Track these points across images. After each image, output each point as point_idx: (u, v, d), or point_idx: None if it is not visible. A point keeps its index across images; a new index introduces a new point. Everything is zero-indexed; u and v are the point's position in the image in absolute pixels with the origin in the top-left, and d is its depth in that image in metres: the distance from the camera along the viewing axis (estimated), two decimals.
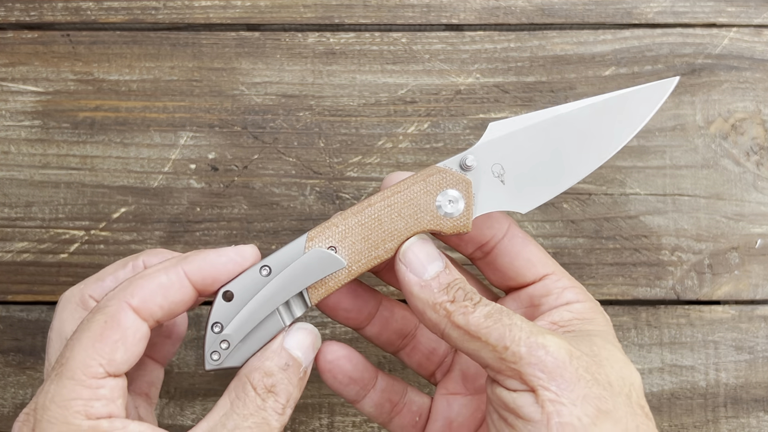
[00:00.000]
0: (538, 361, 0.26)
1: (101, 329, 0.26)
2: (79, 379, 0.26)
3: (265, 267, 0.29)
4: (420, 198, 0.30)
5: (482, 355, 0.27)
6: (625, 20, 0.42)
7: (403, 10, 0.42)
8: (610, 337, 0.29)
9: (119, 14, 0.42)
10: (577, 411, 0.25)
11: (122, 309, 0.26)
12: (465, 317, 0.27)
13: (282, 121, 0.41)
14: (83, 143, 0.41)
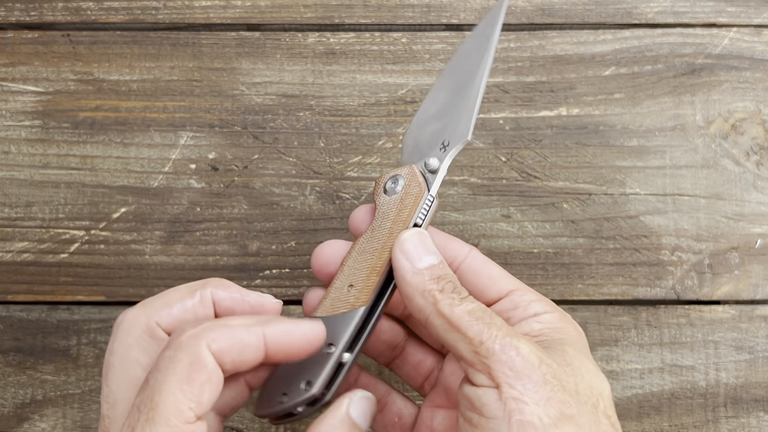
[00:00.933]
0: (508, 359, 0.26)
1: (188, 371, 0.26)
2: (173, 425, 0.26)
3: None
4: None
5: (459, 347, 0.28)
6: (625, 20, 0.42)
7: (403, 10, 0.42)
8: (580, 346, 0.30)
9: (119, 14, 0.42)
10: (539, 411, 0.26)
11: (205, 350, 0.26)
12: (450, 308, 0.28)
13: (282, 121, 0.41)
14: (83, 143, 0.41)
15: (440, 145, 0.32)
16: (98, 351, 0.40)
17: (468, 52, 0.34)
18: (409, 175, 0.32)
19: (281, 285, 0.40)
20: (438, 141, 0.33)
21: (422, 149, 0.33)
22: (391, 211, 0.32)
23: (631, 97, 0.42)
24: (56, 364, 0.40)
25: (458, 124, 0.32)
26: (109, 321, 0.40)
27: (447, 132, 0.33)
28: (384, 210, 0.32)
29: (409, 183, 0.32)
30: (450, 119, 0.33)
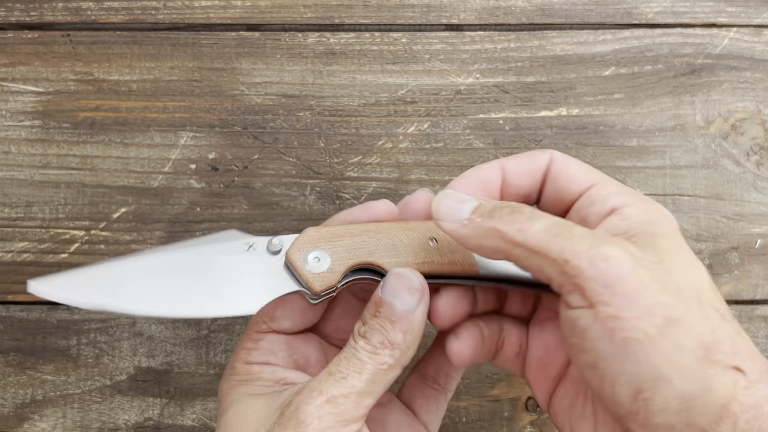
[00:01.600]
0: (599, 274, 0.24)
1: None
2: (247, 333, 0.31)
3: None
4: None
5: (546, 271, 0.26)
6: (625, 20, 0.42)
7: (403, 10, 0.42)
8: (672, 236, 0.27)
9: (119, 14, 0.42)
10: (642, 324, 0.24)
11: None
12: (522, 233, 0.26)
13: (282, 121, 0.41)
14: (83, 143, 0.41)
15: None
16: (98, 351, 0.40)
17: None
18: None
19: None
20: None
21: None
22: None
23: (631, 97, 0.42)
24: (56, 364, 0.40)
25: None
26: (109, 321, 0.40)
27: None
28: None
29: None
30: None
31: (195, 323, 0.40)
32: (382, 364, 0.27)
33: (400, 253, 0.30)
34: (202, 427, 0.40)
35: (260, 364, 0.30)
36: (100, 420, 0.40)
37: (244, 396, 0.29)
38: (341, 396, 0.26)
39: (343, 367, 0.27)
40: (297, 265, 0.29)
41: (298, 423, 0.26)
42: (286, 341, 0.31)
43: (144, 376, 0.40)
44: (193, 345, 0.40)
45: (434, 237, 0.30)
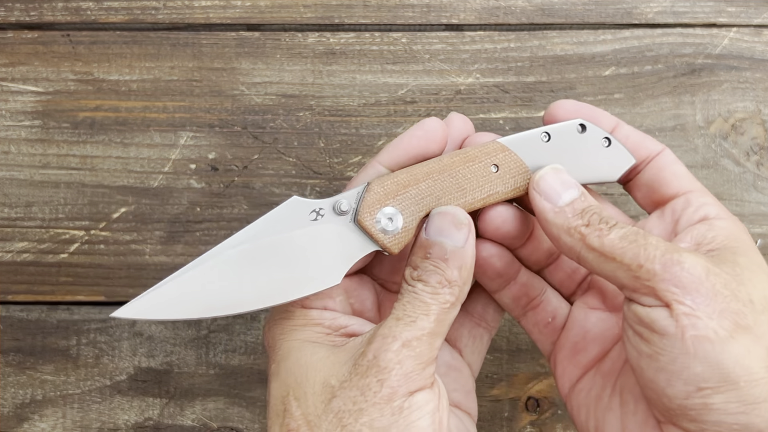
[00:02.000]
0: (672, 277, 0.25)
1: None
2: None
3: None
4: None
5: (617, 276, 0.27)
6: (625, 20, 0.42)
7: (403, 10, 0.42)
8: (755, 257, 0.28)
9: (119, 14, 0.42)
10: (713, 324, 0.24)
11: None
12: (600, 239, 0.27)
13: (282, 121, 0.41)
14: (83, 143, 0.41)
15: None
16: (98, 351, 0.40)
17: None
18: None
19: None
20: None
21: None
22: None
23: (631, 97, 0.42)
24: (56, 364, 0.40)
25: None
26: (109, 321, 0.40)
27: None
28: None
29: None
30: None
31: (195, 323, 0.40)
32: (445, 303, 0.28)
33: (466, 191, 0.30)
34: (202, 427, 0.40)
35: (319, 310, 0.30)
36: (100, 420, 0.40)
37: (304, 343, 0.29)
38: (414, 339, 0.27)
39: (409, 311, 0.27)
40: (372, 231, 0.29)
41: (380, 370, 0.26)
42: (341, 284, 0.30)
43: (144, 376, 0.40)
44: (193, 345, 0.40)
45: (495, 163, 0.31)
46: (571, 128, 0.32)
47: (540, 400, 0.41)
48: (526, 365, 0.41)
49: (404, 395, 0.26)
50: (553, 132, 0.31)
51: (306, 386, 0.27)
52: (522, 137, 0.31)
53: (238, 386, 0.40)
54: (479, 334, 0.34)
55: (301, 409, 0.27)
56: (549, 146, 0.31)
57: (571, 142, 0.31)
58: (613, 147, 0.32)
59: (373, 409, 0.26)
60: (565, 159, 0.31)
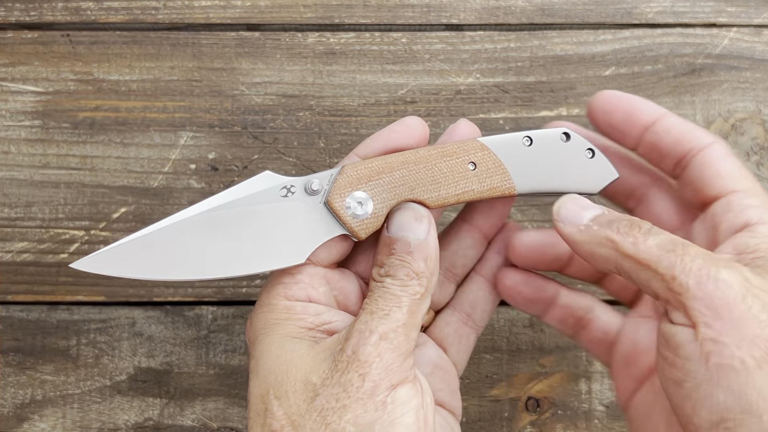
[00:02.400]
0: (704, 296, 0.24)
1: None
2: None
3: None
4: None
5: (652, 285, 0.26)
6: (625, 20, 0.42)
7: (403, 10, 0.42)
8: None
9: (119, 14, 0.42)
10: (742, 353, 0.23)
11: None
12: (635, 246, 0.26)
13: (282, 121, 0.41)
14: (83, 143, 0.41)
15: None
16: (98, 351, 0.40)
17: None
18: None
19: None
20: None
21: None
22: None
23: None
24: (56, 365, 0.40)
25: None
26: (109, 321, 0.40)
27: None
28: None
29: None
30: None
31: (195, 323, 0.40)
32: (415, 294, 0.28)
33: (440, 185, 0.30)
34: (202, 427, 0.40)
35: (303, 302, 0.29)
36: (99, 420, 0.40)
37: (284, 338, 0.28)
38: (391, 331, 0.27)
39: (382, 305, 0.27)
40: (340, 214, 0.29)
41: (360, 364, 0.26)
42: (324, 275, 0.30)
43: (144, 377, 0.40)
44: (192, 345, 0.40)
45: (473, 161, 0.30)
46: (555, 136, 0.31)
47: (540, 400, 0.40)
48: (526, 365, 0.41)
49: (387, 389, 0.26)
50: (536, 137, 0.31)
51: (287, 384, 0.27)
52: (503, 139, 0.31)
53: (238, 386, 0.40)
54: (465, 333, 0.34)
55: (283, 409, 0.26)
56: (530, 151, 0.31)
57: (554, 149, 0.31)
58: (596, 159, 0.31)
59: (356, 405, 0.26)
60: (545, 165, 0.31)
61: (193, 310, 0.40)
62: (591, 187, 0.31)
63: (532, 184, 0.31)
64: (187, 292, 0.40)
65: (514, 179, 0.31)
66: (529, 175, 0.31)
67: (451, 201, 0.30)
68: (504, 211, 0.33)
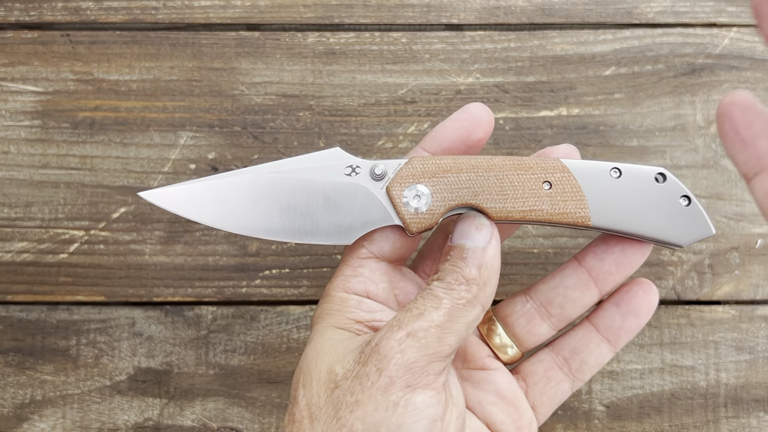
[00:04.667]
0: None
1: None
2: (345, 260, 0.30)
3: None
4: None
5: None
6: (625, 20, 0.42)
7: (403, 10, 0.42)
8: None
9: (119, 14, 0.42)
10: None
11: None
12: None
13: (282, 121, 0.41)
14: (83, 143, 0.41)
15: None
16: (97, 351, 0.40)
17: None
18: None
19: (281, 285, 0.40)
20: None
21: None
22: None
23: (631, 97, 0.41)
24: (56, 365, 0.40)
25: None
26: (109, 321, 0.40)
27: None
28: None
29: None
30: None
31: (194, 323, 0.40)
32: (459, 299, 0.26)
33: (507, 197, 0.29)
34: (201, 427, 0.40)
35: (359, 296, 0.29)
36: (99, 420, 0.40)
37: (329, 327, 0.28)
38: (421, 330, 0.25)
39: (420, 304, 0.26)
40: (396, 202, 0.29)
41: (380, 358, 0.25)
42: (386, 272, 0.30)
43: (144, 377, 0.40)
44: (192, 345, 0.40)
45: (549, 180, 0.29)
46: (649, 174, 0.29)
47: None
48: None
49: (402, 389, 0.25)
50: (626, 171, 0.29)
51: (314, 372, 0.26)
52: (588, 165, 0.29)
53: (238, 386, 0.40)
54: (557, 377, 0.32)
55: (306, 399, 0.26)
56: (617, 184, 0.29)
57: (644, 188, 0.29)
58: (691, 208, 0.29)
59: (368, 401, 0.25)
60: (631, 203, 0.29)
61: (193, 310, 0.40)
62: (679, 238, 0.29)
63: (611, 220, 0.29)
64: (186, 293, 0.40)
65: (591, 210, 0.29)
66: (611, 210, 0.29)
67: (516, 216, 0.29)
68: (626, 260, 0.31)
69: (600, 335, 0.32)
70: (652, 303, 0.31)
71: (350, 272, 0.29)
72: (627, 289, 0.31)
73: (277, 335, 0.40)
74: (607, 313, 0.31)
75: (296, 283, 0.40)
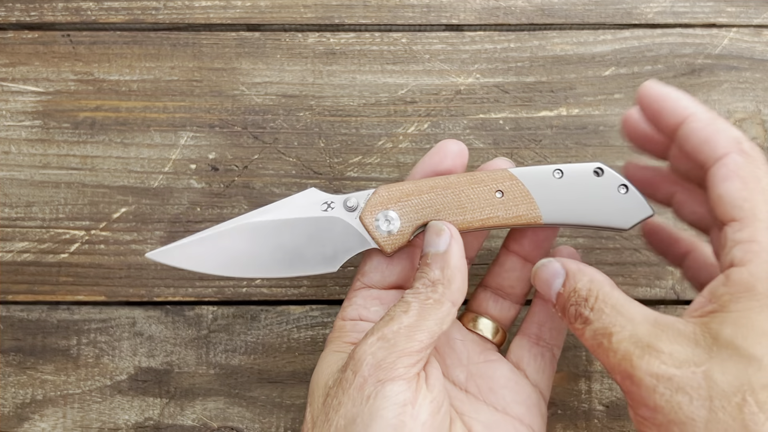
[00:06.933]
0: (627, 390, 0.27)
1: (362, 255, 0.33)
2: (346, 296, 0.34)
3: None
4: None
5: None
6: (625, 20, 0.42)
7: (403, 10, 0.42)
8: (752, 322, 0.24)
9: (119, 14, 0.42)
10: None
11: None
12: (581, 332, 0.29)
13: (282, 121, 0.41)
14: (83, 143, 0.41)
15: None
16: (98, 351, 0.40)
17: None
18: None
19: (281, 285, 0.40)
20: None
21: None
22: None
23: (631, 97, 0.42)
24: (56, 364, 0.40)
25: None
26: (109, 321, 0.40)
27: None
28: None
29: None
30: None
31: (195, 323, 0.40)
32: (427, 299, 0.29)
33: (466, 210, 0.32)
34: (202, 426, 0.40)
35: (353, 321, 0.32)
36: (100, 420, 0.40)
37: (329, 353, 0.32)
38: (391, 333, 0.28)
39: (391, 311, 0.29)
40: (369, 229, 0.32)
41: (355, 363, 0.28)
42: (378, 296, 0.33)
43: (144, 376, 0.40)
44: (193, 345, 0.40)
45: (501, 189, 0.32)
46: (587, 171, 0.32)
47: None
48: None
49: (374, 384, 0.27)
50: (567, 171, 0.32)
51: (315, 390, 0.30)
52: (533, 170, 0.32)
53: (238, 386, 0.40)
54: (539, 352, 0.35)
55: (311, 413, 0.29)
56: (560, 183, 0.32)
57: (585, 183, 0.32)
58: (630, 195, 0.32)
59: (347, 400, 0.27)
60: (576, 198, 0.32)
61: (194, 309, 0.40)
62: (622, 222, 0.32)
63: (560, 216, 0.32)
64: (187, 292, 0.40)
65: (542, 209, 0.32)
66: (558, 206, 0.32)
67: (475, 225, 0.32)
68: (538, 236, 0.34)
69: (548, 303, 0.35)
70: (575, 258, 0.34)
71: (346, 303, 0.33)
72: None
73: (278, 335, 0.40)
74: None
75: (296, 282, 0.40)
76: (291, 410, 0.40)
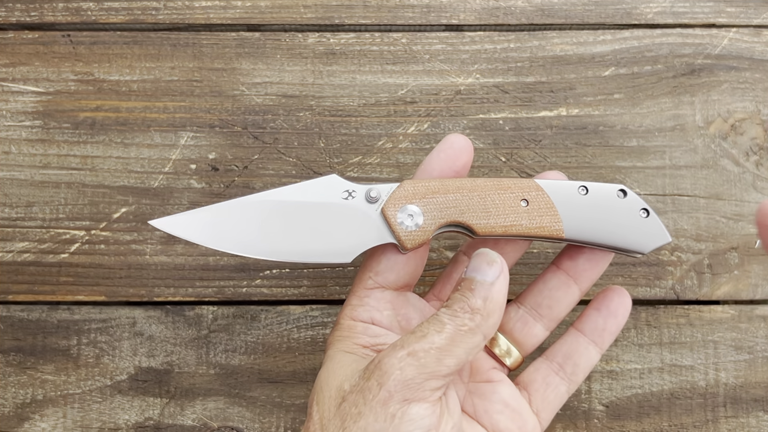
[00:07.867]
0: None
1: (372, 251, 0.32)
2: (354, 290, 0.33)
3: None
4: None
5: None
6: (624, 20, 0.42)
7: (403, 11, 0.42)
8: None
9: (120, 14, 0.42)
10: None
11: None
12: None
13: (282, 121, 0.41)
14: (84, 143, 0.41)
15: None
16: (98, 351, 0.40)
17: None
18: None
19: (281, 285, 0.40)
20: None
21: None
22: None
23: (630, 97, 0.42)
24: (56, 364, 0.40)
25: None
26: (110, 321, 0.40)
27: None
28: None
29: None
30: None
31: (195, 323, 0.40)
32: (462, 325, 0.28)
33: (490, 214, 0.32)
34: (202, 426, 0.40)
35: (365, 323, 0.32)
36: (100, 420, 0.40)
37: (339, 352, 0.31)
38: (422, 350, 0.27)
39: (424, 327, 0.28)
40: (391, 222, 0.31)
41: (381, 374, 0.27)
42: (390, 299, 0.32)
43: (144, 376, 0.40)
44: (193, 345, 0.40)
45: (526, 198, 0.32)
46: (611, 191, 0.32)
47: None
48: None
49: (399, 402, 0.27)
50: (592, 189, 0.32)
51: (326, 390, 0.29)
52: (559, 184, 0.32)
53: (238, 386, 0.40)
54: (554, 382, 0.34)
55: (318, 414, 0.28)
56: (584, 200, 0.32)
57: (608, 204, 0.32)
58: (650, 220, 0.32)
59: (369, 412, 0.27)
60: (598, 217, 0.32)
61: (194, 309, 0.40)
62: (641, 246, 0.32)
63: (582, 232, 0.32)
64: (187, 292, 0.40)
65: (564, 224, 0.32)
66: (581, 222, 0.32)
67: (498, 231, 0.32)
68: (595, 257, 0.34)
69: (587, 338, 0.34)
70: (627, 305, 0.34)
71: (357, 302, 0.32)
72: (604, 295, 0.34)
73: (278, 335, 0.40)
74: (590, 318, 0.34)
75: (296, 282, 0.41)
76: (291, 410, 0.40)
